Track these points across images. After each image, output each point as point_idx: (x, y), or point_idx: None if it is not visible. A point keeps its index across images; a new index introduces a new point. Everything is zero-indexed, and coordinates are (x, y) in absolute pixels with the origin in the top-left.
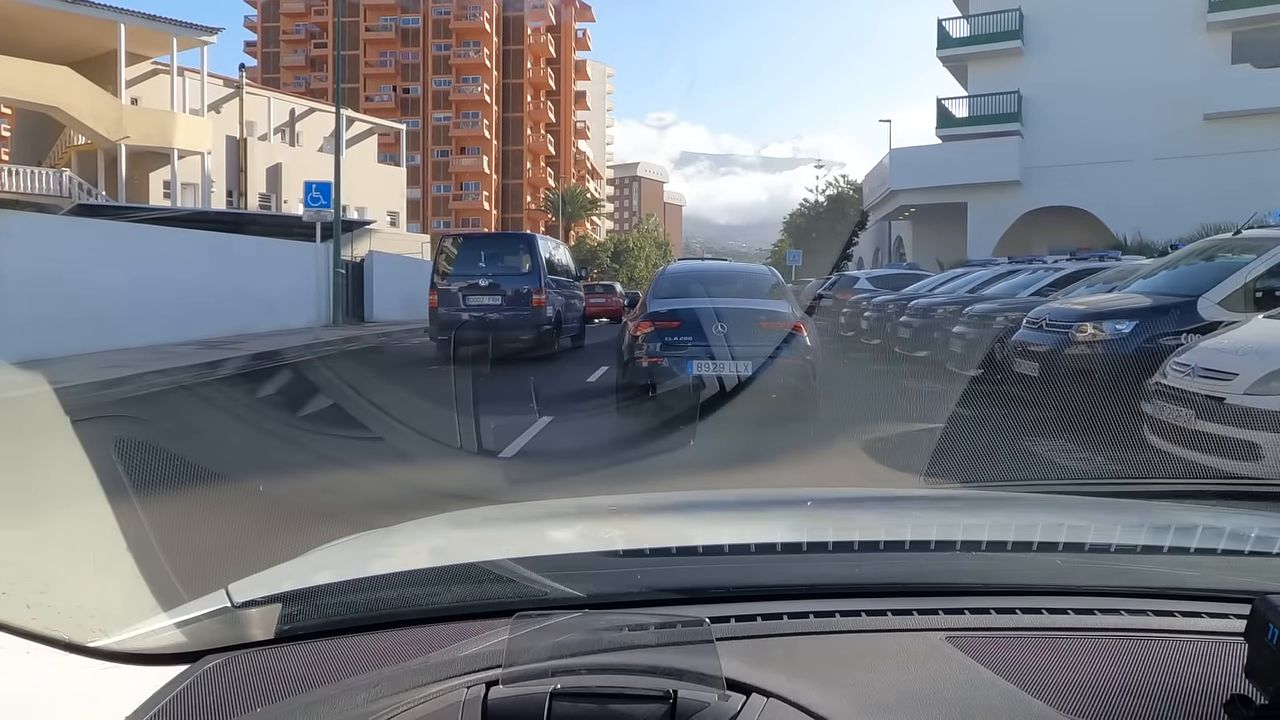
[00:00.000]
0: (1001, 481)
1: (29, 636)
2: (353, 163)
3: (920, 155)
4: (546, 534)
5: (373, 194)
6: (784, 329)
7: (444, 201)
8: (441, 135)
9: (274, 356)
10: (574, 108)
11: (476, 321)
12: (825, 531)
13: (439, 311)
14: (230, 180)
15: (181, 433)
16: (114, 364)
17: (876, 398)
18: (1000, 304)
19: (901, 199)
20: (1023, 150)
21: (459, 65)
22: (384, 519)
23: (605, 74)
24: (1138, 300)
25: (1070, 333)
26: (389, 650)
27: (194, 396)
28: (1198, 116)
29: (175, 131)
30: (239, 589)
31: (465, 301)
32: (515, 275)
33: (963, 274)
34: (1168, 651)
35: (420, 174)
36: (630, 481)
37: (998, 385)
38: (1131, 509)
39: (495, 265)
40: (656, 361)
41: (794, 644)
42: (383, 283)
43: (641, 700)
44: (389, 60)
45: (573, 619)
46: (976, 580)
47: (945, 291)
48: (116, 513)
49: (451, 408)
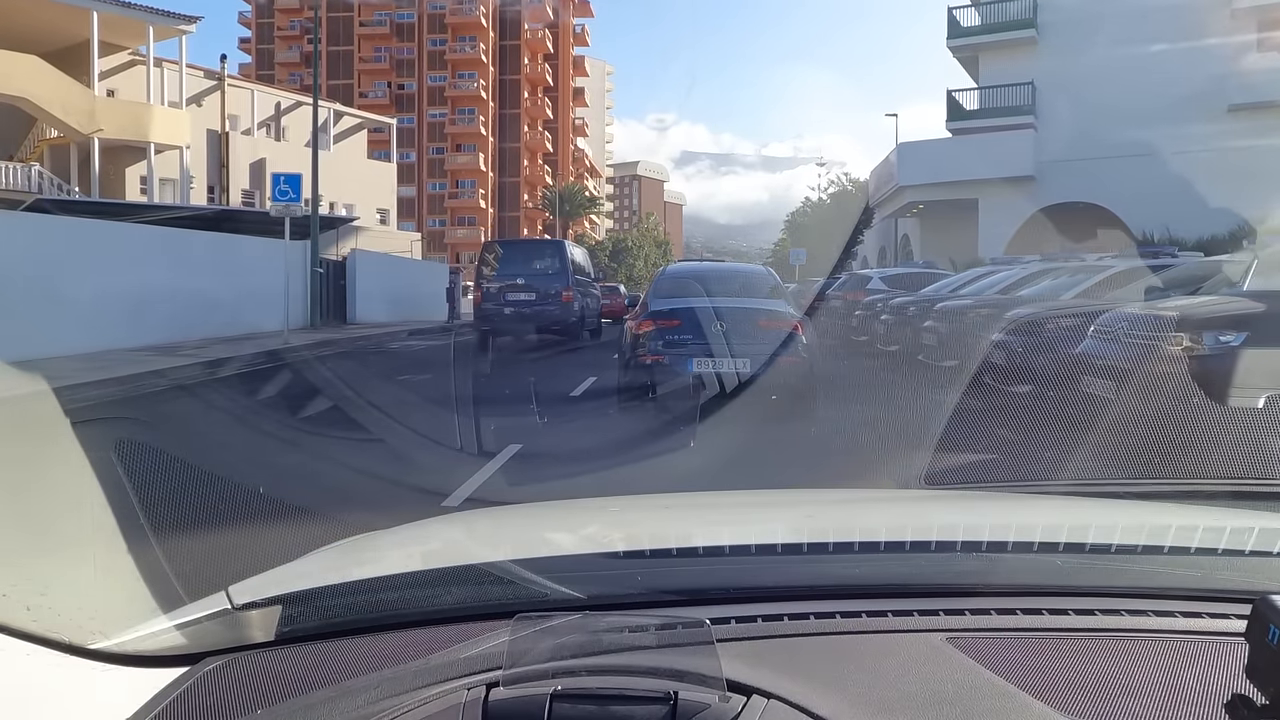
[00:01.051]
0: (1001, 481)
1: (29, 638)
2: (341, 158)
3: (929, 150)
4: (547, 535)
5: (362, 191)
6: (781, 328)
7: (439, 200)
8: (437, 132)
9: (222, 365)
10: (572, 104)
11: (515, 315)
12: (826, 532)
13: (484, 306)
14: (211, 176)
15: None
16: (51, 374)
17: (901, 414)
18: (1045, 308)
19: (909, 195)
20: (1037, 144)
21: (454, 60)
22: (383, 521)
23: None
24: (1246, 305)
25: (1158, 345)
26: (389, 652)
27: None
28: (1221, 107)
29: (151, 124)
30: (239, 591)
31: (505, 298)
32: (547, 276)
33: (988, 273)
34: (1168, 652)
35: (415, 171)
36: (631, 480)
37: (1057, 406)
38: (1132, 509)
39: (530, 267)
40: (657, 359)
41: (795, 645)
42: (367, 283)
43: (642, 701)
44: (383, 55)
45: (573, 620)
46: (977, 581)
47: (973, 293)
48: (116, 514)
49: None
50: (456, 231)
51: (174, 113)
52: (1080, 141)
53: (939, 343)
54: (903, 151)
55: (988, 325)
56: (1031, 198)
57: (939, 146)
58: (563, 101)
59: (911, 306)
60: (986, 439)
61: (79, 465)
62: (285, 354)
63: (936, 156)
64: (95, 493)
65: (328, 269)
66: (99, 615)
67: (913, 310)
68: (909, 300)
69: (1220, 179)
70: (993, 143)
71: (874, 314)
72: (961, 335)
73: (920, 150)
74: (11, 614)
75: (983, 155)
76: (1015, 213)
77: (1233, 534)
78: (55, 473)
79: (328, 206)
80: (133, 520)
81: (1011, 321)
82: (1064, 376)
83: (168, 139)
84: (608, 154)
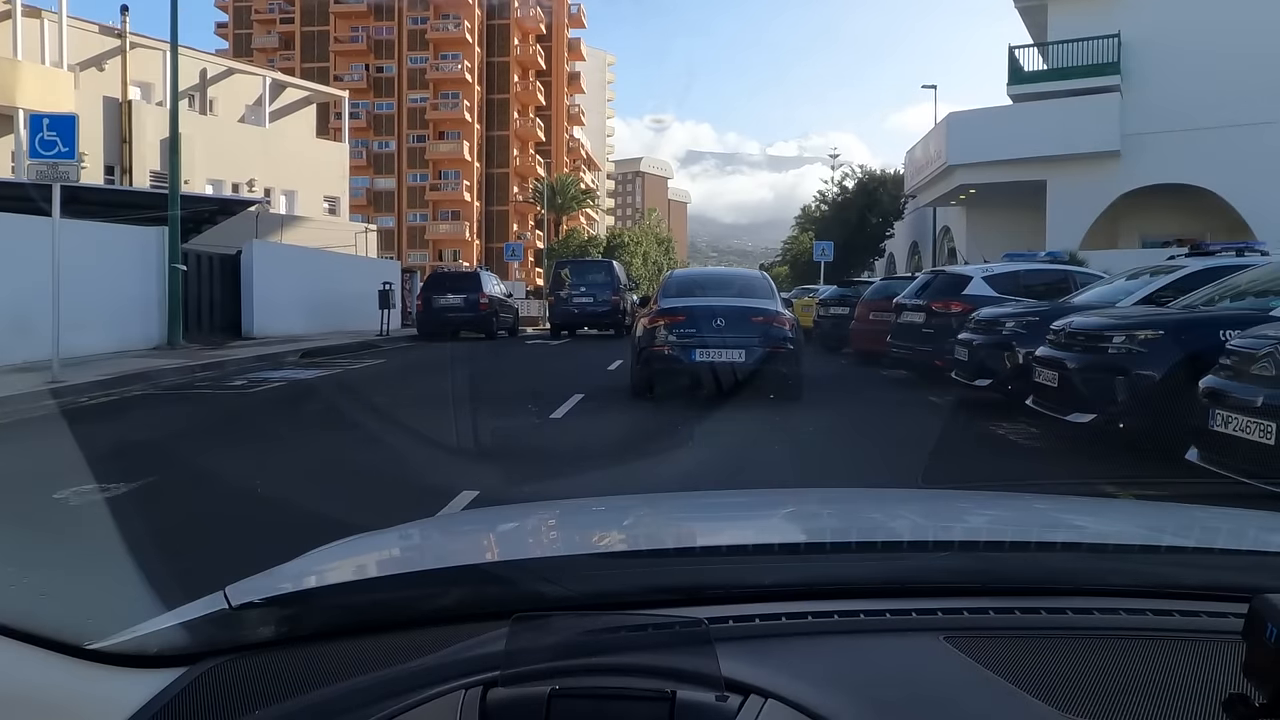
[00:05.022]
0: (1000, 481)
1: (28, 639)
2: (280, 136)
3: (986, 121)
4: (544, 535)
5: (307, 175)
6: (772, 323)
7: (420, 191)
8: (417, 118)
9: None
10: (567, 89)
11: (577, 314)
12: (823, 532)
13: (557, 309)
14: (110, 153)
15: None
16: None
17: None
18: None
19: (960, 177)
20: (1124, 111)
21: (437, 40)
22: (381, 521)
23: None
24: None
25: None
26: (387, 653)
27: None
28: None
29: (18, 86)
30: (237, 591)
31: (573, 302)
32: (600, 285)
33: (1177, 270)
34: (1166, 650)
35: (395, 161)
36: (631, 477)
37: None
38: (1129, 508)
39: (588, 279)
40: (666, 350)
41: (792, 644)
42: (273, 285)
43: (640, 701)
44: (361, 35)
45: (571, 620)
46: (975, 580)
47: (1197, 304)
48: (115, 515)
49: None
50: (439, 226)
51: (51, 73)
52: (1180, 108)
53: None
54: (953, 124)
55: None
56: (1114, 178)
57: (998, 116)
58: (557, 85)
59: (1080, 330)
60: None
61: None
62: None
63: (995, 129)
64: (95, 493)
65: (210, 267)
66: (97, 615)
67: (1082, 336)
68: (1083, 323)
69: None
70: (1067, 111)
71: (998, 339)
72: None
73: (974, 122)
74: (10, 613)
75: (1054, 126)
76: (1095, 196)
77: (1230, 533)
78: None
79: (261, 191)
80: (132, 521)
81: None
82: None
83: (41, 104)
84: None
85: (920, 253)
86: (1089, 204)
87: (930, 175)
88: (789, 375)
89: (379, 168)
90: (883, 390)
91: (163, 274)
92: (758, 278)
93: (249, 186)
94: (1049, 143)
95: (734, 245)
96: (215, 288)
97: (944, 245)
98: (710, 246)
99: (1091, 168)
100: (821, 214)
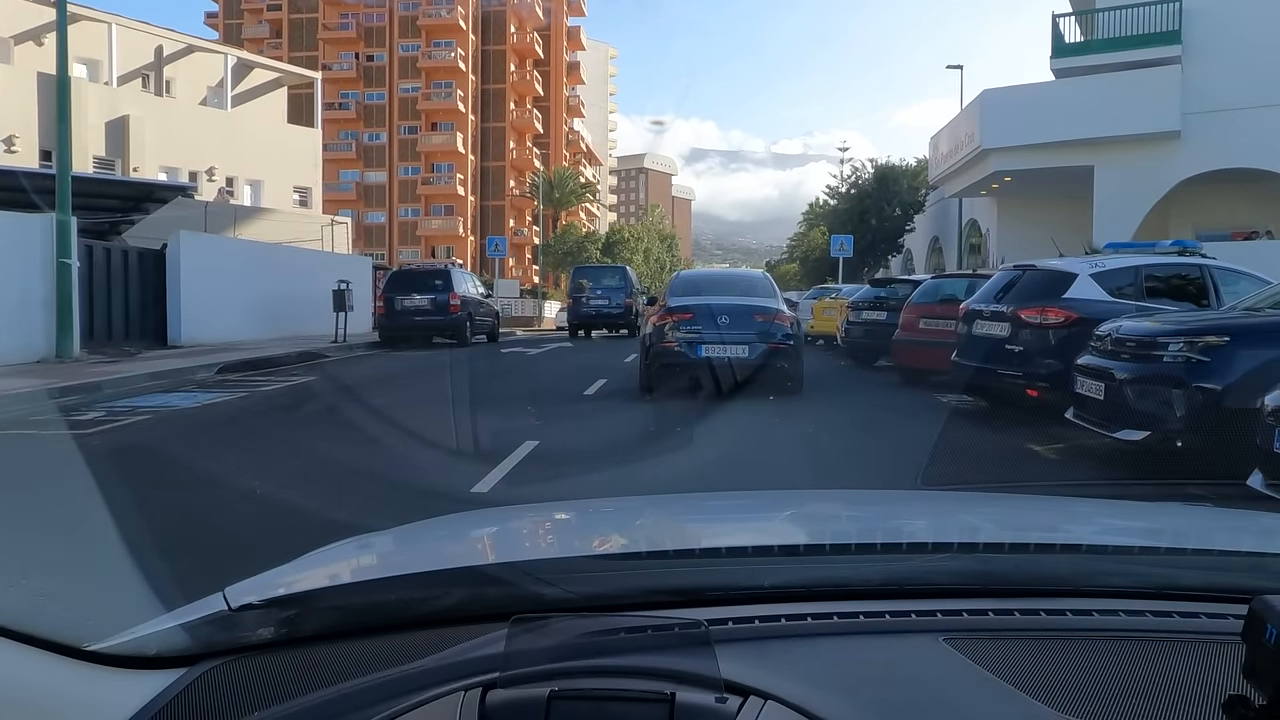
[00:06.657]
0: (999, 482)
1: (27, 639)
2: (245, 121)
3: (1027, 99)
4: (543, 537)
5: (275, 164)
6: (774, 321)
7: (412, 185)
8: (409, 109)
9: None
10: (566, 80)
11: (594, 315)
12: (823, 533)
13: (575, 310)
14: (47, 137)
15: None
16: None
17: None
18: None
19: (996, 162)
20: (1185, 86)
21: (429, 26)
22: (380, 522)
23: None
24: None
25: None
26: (386, 654)
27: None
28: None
29: None
30: (236, 592)
31: (590, 305)
32: (614, 289)
33: None
34: (1166, 652)
35: (385, 153)
36: (632, 477)
37: None
38: (1129, 509)
39: (603, 283)
40: (673, 345)
41: (792, 646)
42: (207, 283)
43: (640, 702)
44: (350, 22)
45: (570, 622)
46: (974, 581)
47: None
48: (115, 516)
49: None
50: (431, 221)
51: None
52: (1251, 83)
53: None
54: (987, 103)
55: None
56: (1174, 163)
57: (1039, 94)
58: (555, 75)
59: (1181, 340)
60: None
61: (78, 471)
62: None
63: (1035, 108)
64: (94, 496)
65: (127, 264)
66: (96, 616)
67: (1209, 351)
68: (1183, 328)
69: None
70: (1119, 86)
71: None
72: None
73: (1011, 100)
74: (10, 614)
75: (1103, 105)
76: (1150, 184)
77: (1229, 534)
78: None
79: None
80: (131, 522)
81: None
82: None
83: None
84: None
85: (943, 248)
86: (1143, 192)
87: (959, 162)
88: (789, 370)
89: (369, 161)
90: (960, 428)
91: (50, 271)
92: (760, 278)
93: (208, 175)
94: (1098, 123)
95: (738, 243)
96: (135, 288)
97: (970, 240)
98: (715, 244)
99: (1147, 151)
100: (831, 208)
